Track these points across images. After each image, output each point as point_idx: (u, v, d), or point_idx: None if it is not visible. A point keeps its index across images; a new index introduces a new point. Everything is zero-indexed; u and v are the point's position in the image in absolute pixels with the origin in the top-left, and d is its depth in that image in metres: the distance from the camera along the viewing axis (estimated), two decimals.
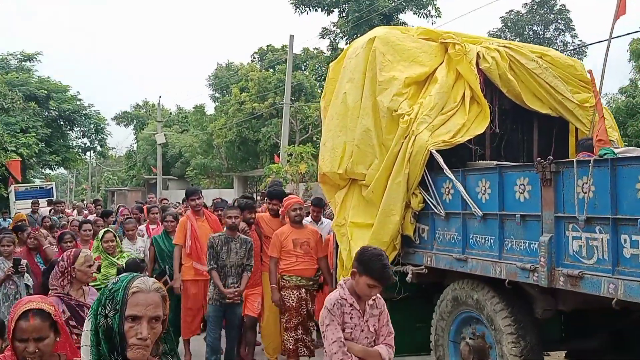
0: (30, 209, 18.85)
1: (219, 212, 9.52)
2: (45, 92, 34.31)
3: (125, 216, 11.07)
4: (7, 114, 30.31)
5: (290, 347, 7.74)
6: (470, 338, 6.49)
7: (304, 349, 7.80)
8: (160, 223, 10.07)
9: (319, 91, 38.39)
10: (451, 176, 6.42)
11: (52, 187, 28.79)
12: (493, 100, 7.36)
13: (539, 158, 5.64)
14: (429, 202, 6.77)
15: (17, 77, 34.10)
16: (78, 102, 36.96)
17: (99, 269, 6.99)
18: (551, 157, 5.45)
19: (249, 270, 7.67)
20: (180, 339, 8.60)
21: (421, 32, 7.52)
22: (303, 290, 7.87)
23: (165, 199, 18.33)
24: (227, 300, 7.45)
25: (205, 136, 42.14)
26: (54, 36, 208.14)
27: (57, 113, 35.65)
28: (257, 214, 8.88)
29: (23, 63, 37.21)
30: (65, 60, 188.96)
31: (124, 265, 7.41)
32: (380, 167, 7.04)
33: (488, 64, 7.15)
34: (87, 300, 5.31)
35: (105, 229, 8.56)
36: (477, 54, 7.18)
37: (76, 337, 4.81)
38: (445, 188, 6.64)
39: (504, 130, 7.62)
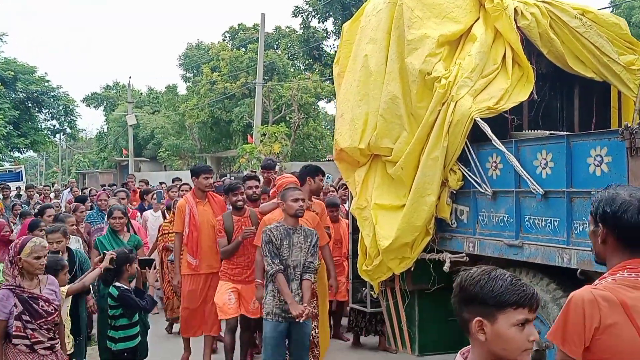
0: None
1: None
2: (12, 73, 33.50)
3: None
4: None
5: None
6: None
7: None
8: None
9: (292, 70, 37.43)
10: (502, 148, 5.30)
11: (21, 171, 27.78)
12: (531, 62, 6.23)
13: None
14: (470, 179, 5.65)
15: None
16: (46, 84, 35.95)
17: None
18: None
19: (312, 272, 5.72)
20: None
21: None
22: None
23: (145, 179, 16.87)
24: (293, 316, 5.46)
25: (177, 117, 40.76)
26: (18, 17, 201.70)
27: (24, 95, 34.82)
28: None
29: None
30: (31, 41, 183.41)
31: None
32: (412, 140, 5.89)
33: (527, 21, 5.99)
34: (43, 292, 4.77)
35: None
36: (515, 10, 6.02)
37: (31, 332, 4.61)
38: (492, 162, 5.52)
39: (541, 97, 6.51)
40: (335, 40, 34.79)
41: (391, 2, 6.18)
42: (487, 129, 5.41)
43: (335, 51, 30.20)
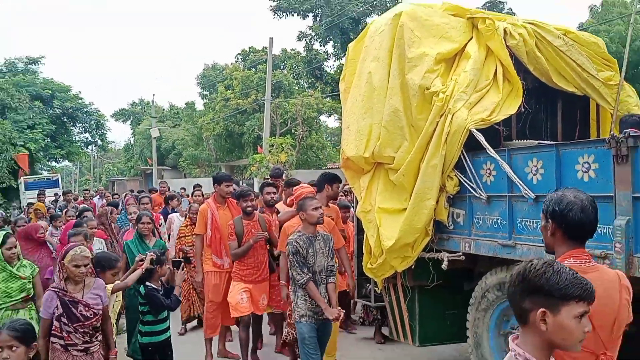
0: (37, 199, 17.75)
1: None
2: (50, 92, 33.74)
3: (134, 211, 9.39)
4: (15, 112, 29.80)
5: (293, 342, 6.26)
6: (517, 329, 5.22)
7: None
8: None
9: (297, 88, 37.25)
10: (496, 156, 5.10)
11: (57, 178, 27.52)
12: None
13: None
14: (466, 185, 5.45)
15: (24, 79, 33.82)
16: (80, 101, 36.10)
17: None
18: (629, 132, 4.14)
19: (334, 274, 5.53)
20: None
21: (447, 8, 6.10)
22: None
23: (183, 187, 16.60)
24: (326, 317, 5.27)
25: (195, 130, 40.48)
26: (55, 40, 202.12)
27: (60, 111, 34.90)
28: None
29: (29, 66, 36.16)
30: (66, 63, 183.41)
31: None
32: (412, 149, 5.69)
33: (515, 40, 5.81)
34: (85, 297, 4.49)
35: (5, 232, 6.21)
36: (504, 30, 5.83)
37: (66, 334, 4.38)
38: (486, 169, 5.32)
39: (528, 110, 6.31)
40: (335, 61, 34.71)
41: (393, 23, 5.99)
42: (481, 139, 5.22)
43: (335, 71, 30.33)
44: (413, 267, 5.91)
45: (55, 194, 19.70)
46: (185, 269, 8.26)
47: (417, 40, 5.75)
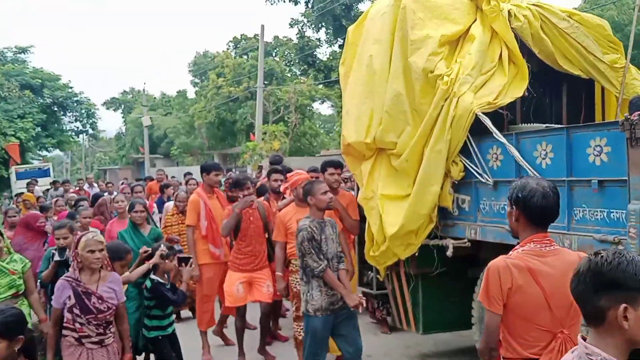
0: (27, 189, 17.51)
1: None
2: (40, 81, 33.32)
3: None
4: (5, 102, 29.50)
5: (301, 338, 5.78)
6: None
7: None
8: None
9: (289, 75, 36.97)
10: (503, 140, 4.95)
11: (49, 168, 27.16)
12: None
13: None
14: (471, 170, 5.30)
15: (13, 68, 33.40)
16: (70, 90, 35.57)
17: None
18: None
19: (343, 260, 5.14)
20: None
21: None
22: None
23: (173, 176, 16.28)
24: (343, 307, 4.90)
25: (187, 118, 40.18)
26: (44, 29, 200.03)
27: (51, 100, 34.50)
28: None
29: (18, 55, 35.75)
30: (55, 52, 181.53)
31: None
32: (415, 134, 5.53)
33: (520, 22, 5.64)
34: (100, 289, 4.25)
35: None
36: (509, 12, 5.67)
37: (79, 326, 4.16)
38: (493, 154, 5.17)
39: (532, 94, 6.16)
40: (327, 48, 34.34)
41: (395, 5, 5.80)
42: (488, 123, 5.06)
43: (328, 57, 29.97)
44: (417, 254, 5.77)
45: (52, 183, 19.39)
46: (190, 264, 8.06)
47: (419, 22, 5.57)
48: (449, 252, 5.42)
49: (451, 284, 5.97)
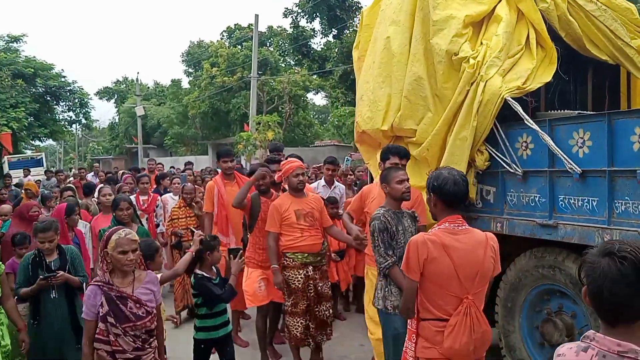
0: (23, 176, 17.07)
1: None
2: (32, 70, 32.47)
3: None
4: None
5: (298, 334, 5.49)
6: (554, 315, 4.73)
7: (309, 338, 5.57)
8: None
9: (283, 65, 36.44)
10: (535, 127, 4.54)
11: (42, 157, 26.74)
12: None
13: None
14: (498, 159, 4.90)
15: (5, 57, 32.28)
16: (63, 79, 34.78)
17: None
18: None
19: None
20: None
21: None
22: (310, 268, 5.51)
23: (172, 166, 15.57)
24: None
25: (180, 108, 39.45)
26: (37, 18, 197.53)
27: (43, 89, 33.72)
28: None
29: (10, 44, 34.61)
30: (48, 41, 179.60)
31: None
32: (437, 121, 5.13)
33: (546, 4, 5.24)
34: (136, 291, 3.66)
35: None
36: None
37: (114, 338, 3.54)
38: (522, 142, 4.77)
39: (557, 79, 5.76)
40: (321, 38, 33.81)
41: None
42: (519, 108, 4.66)
43: (322, 48, 29.44)
44: None
45: (45, 172, 18.84)
46: (177, 254, 7.60)
47: (442, 1, 5.15)
48: None
49: None
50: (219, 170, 7.03)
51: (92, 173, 16.19)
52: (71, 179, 15.39)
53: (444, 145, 5.07)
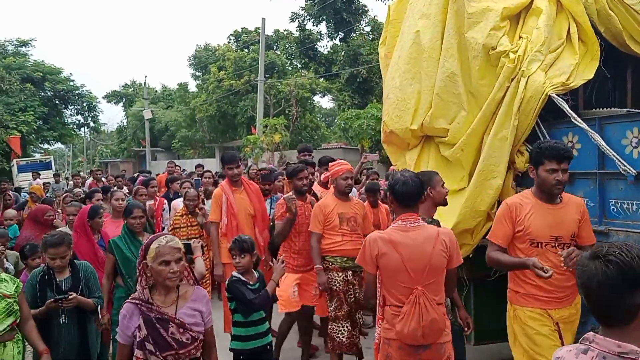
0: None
1: (267, 186, 6.88)
2: (41, 74, 32.47)
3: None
4: (6, 95, 28.55)
5: (343, 339, 5.14)
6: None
7: (354, 347, 5.24)
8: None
9: (290, 69, 36.10)
10: (583, 126, 4.14)
11: (50, 160, 26.51)
12: None
13: None
14: None
15: (14, 61, 32.49)
16: (71, 83, 34.74)
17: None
18: None
19: None
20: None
21: None
22: (349, 272, 5.26)
23: (184, 169, 14.75)
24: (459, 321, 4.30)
25: (188, 111, 39.10)
26: (46, 23, 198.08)
27: (52, 93, 33.66)
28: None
29: (19, 48, 34.67)
30: (57, 45, 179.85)
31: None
32: (471, 119, 4.73)
33: None
34: (180, 312, 2.94)
35: None
36: None
37: None
38: (567, 142, 4.36)
39: (595, 76, 5.34)
40: (328, 41, 33.51)
41: None
42: (565, 106, 4.26)
43: (328, 51, 29.08)
44: (471, 256, 4.96)
45: (54, 175, 18.46)
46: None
47: None
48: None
49: (498, 288, 5.14)
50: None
51: (91, 179, 15.10)
52: (89, 181, 14.76)
53: (481, 145, 4.67)
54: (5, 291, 3.71)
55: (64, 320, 4.04)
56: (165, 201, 8.97)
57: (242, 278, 4.23)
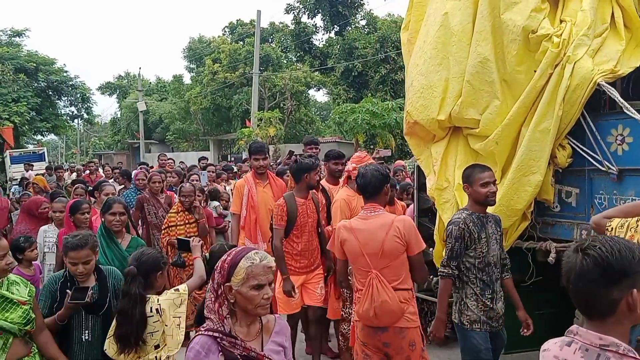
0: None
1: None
2: (34, 64, 31.46)
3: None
4: None
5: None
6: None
7: None
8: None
9: (285, 62, 35.60)
10: (638, 117, 3.67)
11: (43, 152, 25.98)
12: None
13: None
14: (585, 155, 4.02)
15: (8, 52, 31.23)
16: (65, 74, 33.69)
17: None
18: None
19: (508, 267, 3.91)
20: None
21: None
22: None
23: (181, 161, 13.98)
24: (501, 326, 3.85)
25: (182, 104, 38.42)
26: (39, 13, 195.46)
27: (45, 84, 32.60)
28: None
29: (13, 38, 33.57)
30: (50, 36, 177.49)
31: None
32: (505, 109, 4.24)
33: None
34: (267, 348, 2.28)
35: None
36: None
37: None
38: (617, 135, 3.89)
39: None
40: (323, 34, 32.91)
41: None
42: (616, 95, 3.79)
43: (324, 44, 28.52)
44: None
45: (46, 168, 17.83)
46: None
47: None
48: (552, 258, 4.14)
49: (539, 293, 4.69)
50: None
51: (75, 174, 14.04)
52: (74, 175, 14.00)
53: (517, 138, 4.19)
54: (19, 296, 3.08)
55: (86, 337, 3.36)
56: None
57: None
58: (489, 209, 3.84)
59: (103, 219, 4.36)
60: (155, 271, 3.40)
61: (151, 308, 3.25)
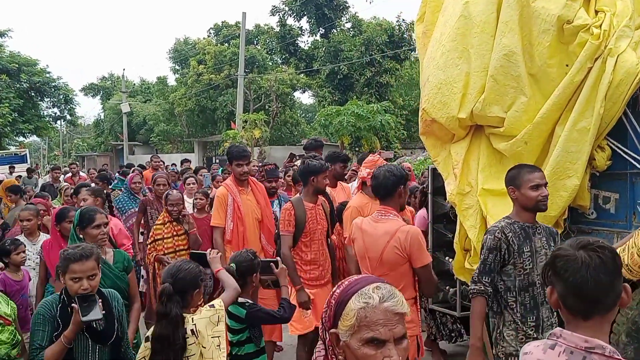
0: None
1: (273, 183, 5.65)
2: (16, 65, 30.64)
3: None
4: None
5: None
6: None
7: None
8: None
9: (270, 64, 35.14)
10: None
11: (26, 154, 25.17)
12: None
13: None
14: (627, 157, 3.60)
15: None
16: (48, 75, 32.88)
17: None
18: None
19: None
20: None
21: None
22: None
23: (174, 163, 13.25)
24: None
25: (167, 105, 37.61)
26: (22, 13, 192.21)
27: (28, 85, 31.78)
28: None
29: None
30: (33, 36, 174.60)
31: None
32: (535, 107, 3.81)
33: None
34: None
35: None
36: None
37: None
38: None
39: None
40: (309, 37, 32.44)
41: None
42: None
43: (309, 47, 28.07)
44: None
45: (27, 170, 17.10)
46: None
47: None
48: None
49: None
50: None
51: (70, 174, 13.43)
52: (66, 176, 13.02)
53: (550, 138, 3.75)
54: (3, 313, 2.61)
55: None
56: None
57: (254, 302, 3.38)
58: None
59: (79, 234, 3.61)
60: (194, 289, 2.89)
61: (186, 329, 2.75)
